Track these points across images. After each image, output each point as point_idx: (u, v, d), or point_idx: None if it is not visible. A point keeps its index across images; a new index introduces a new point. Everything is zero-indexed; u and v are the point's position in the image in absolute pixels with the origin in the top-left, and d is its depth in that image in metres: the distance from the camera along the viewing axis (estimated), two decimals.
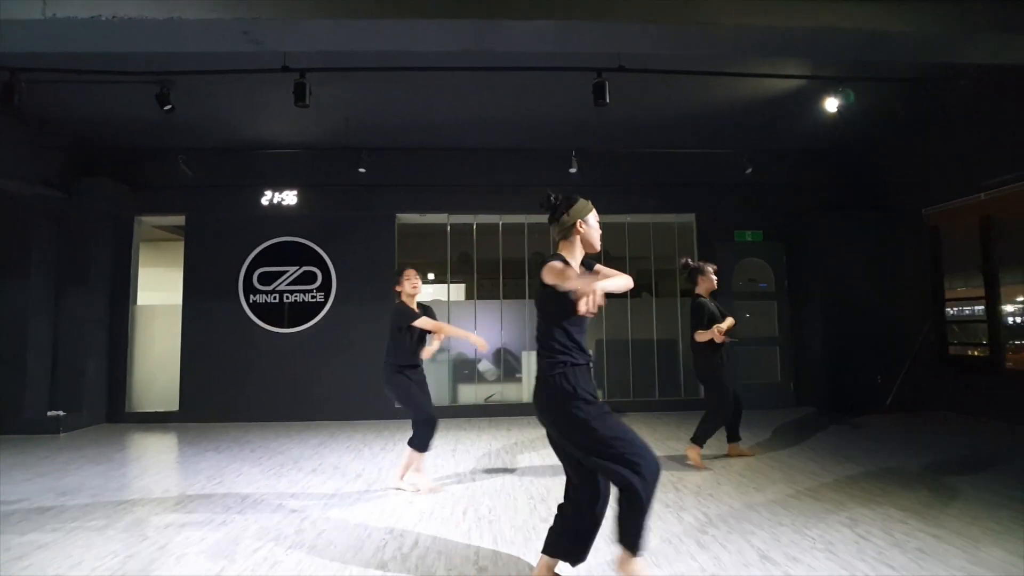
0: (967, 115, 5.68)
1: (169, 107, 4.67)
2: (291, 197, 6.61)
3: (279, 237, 6.64)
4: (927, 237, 6.34)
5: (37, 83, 4.54)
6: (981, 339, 5.88)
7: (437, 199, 6.79)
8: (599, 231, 2.23)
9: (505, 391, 6.91)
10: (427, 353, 3.64)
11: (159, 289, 7.70)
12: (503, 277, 6.95)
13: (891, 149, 6.72)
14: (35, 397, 5.81)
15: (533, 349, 6.79)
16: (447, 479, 3.80)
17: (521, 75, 4.71)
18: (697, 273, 4.16)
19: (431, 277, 8.35)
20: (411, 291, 3.59)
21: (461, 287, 7.52)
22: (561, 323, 2.08)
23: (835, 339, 6.40)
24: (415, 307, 3.57)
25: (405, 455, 3.59)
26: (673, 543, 2.60)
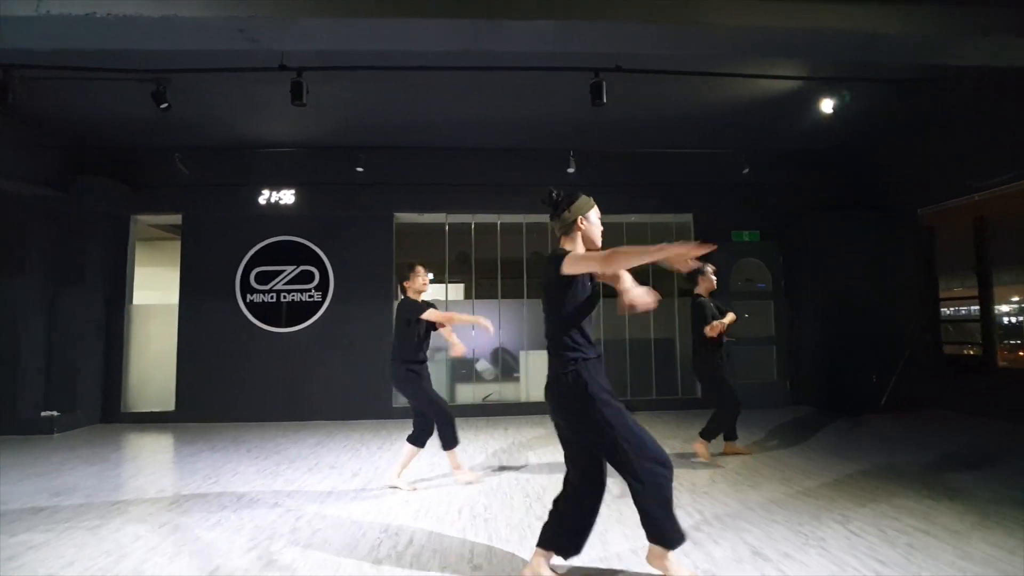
0: (962, 116, 5.70)
1: (166, 105, 4.66)
2: (288, 196, 6.60)
3: (276, 236, 6.63)
4: (923, 237, 6.37)
5: (33, 81, 4.53)
6: (976, 338, 5.91)
7: (435, 199, 6.79)
8: (600, 227, 2.23)
9: (503, 390, 6.92)
10: (458, 350, 3.65)
11: (155, 288, 7.68)
12: (501, 277, 6.95)
13: (887, 150, 6.74)
14: (30, 397, 5.78)
15: (531, 348, 6.91)
16: (444, 478, 3.80)
17: (519, 75, 4.71)
18: (697, 273, 4.20)
19: (430, 276, 8.32)
20: (421, 287, 3.64)
21: (459, 287, 7.52)
22: (573, 318, 2.08)
23: (831, 338, 6.42)
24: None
25: (403, 453, 3.59)
26: None
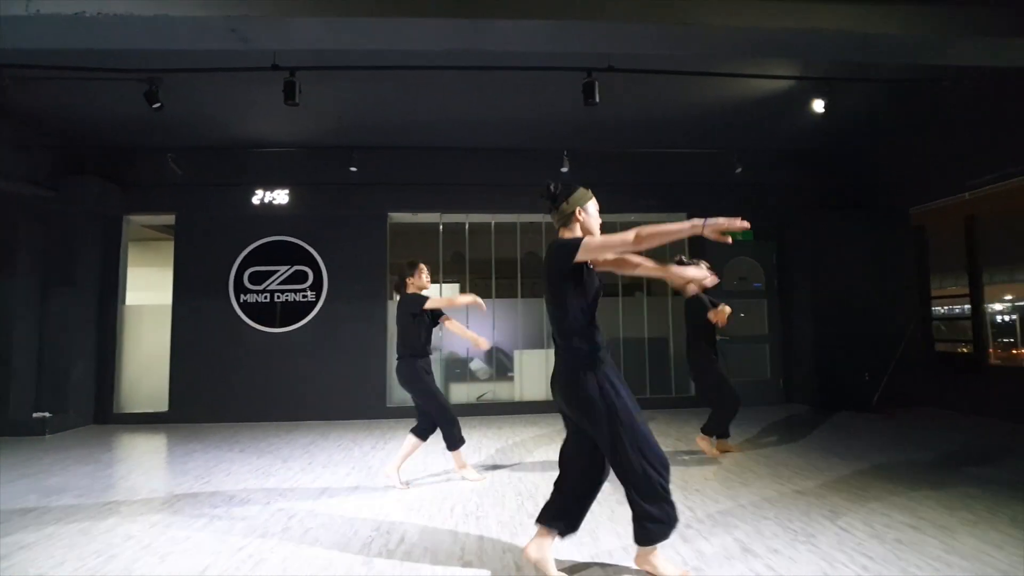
0: (953, 116, 5.75)
1: (158, 105, 4.64)
2: (282, 196, 6.59)
3: (270, 236, 6.61)
4: (915, 236, 6.42)
5: (24, 81, 4.51)
6: (967, 336, 5.96)
7: (429, 198, 6.79)
8: (599, 220, 2.23)
9: (497, 390, 6.92)
10: (483, 344, 3.75)
11: (148, 289, 7.65)
12: (495, 277, 6.96)
13: (879, 149, 6.79)
14: (21, 398, 5.74)
15: (525, 348, 6.91)
16: (437, 476, 3.81)
17: (514, 75, 4.71)
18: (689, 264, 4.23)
19: None
20: (424, 284, 3.69)
21: (454, 287, 7.52)
22: (584, 308, 2.08)
23: (824, 337, 6.46)
24: None
25: (405, 445, 3.60)
26: None
